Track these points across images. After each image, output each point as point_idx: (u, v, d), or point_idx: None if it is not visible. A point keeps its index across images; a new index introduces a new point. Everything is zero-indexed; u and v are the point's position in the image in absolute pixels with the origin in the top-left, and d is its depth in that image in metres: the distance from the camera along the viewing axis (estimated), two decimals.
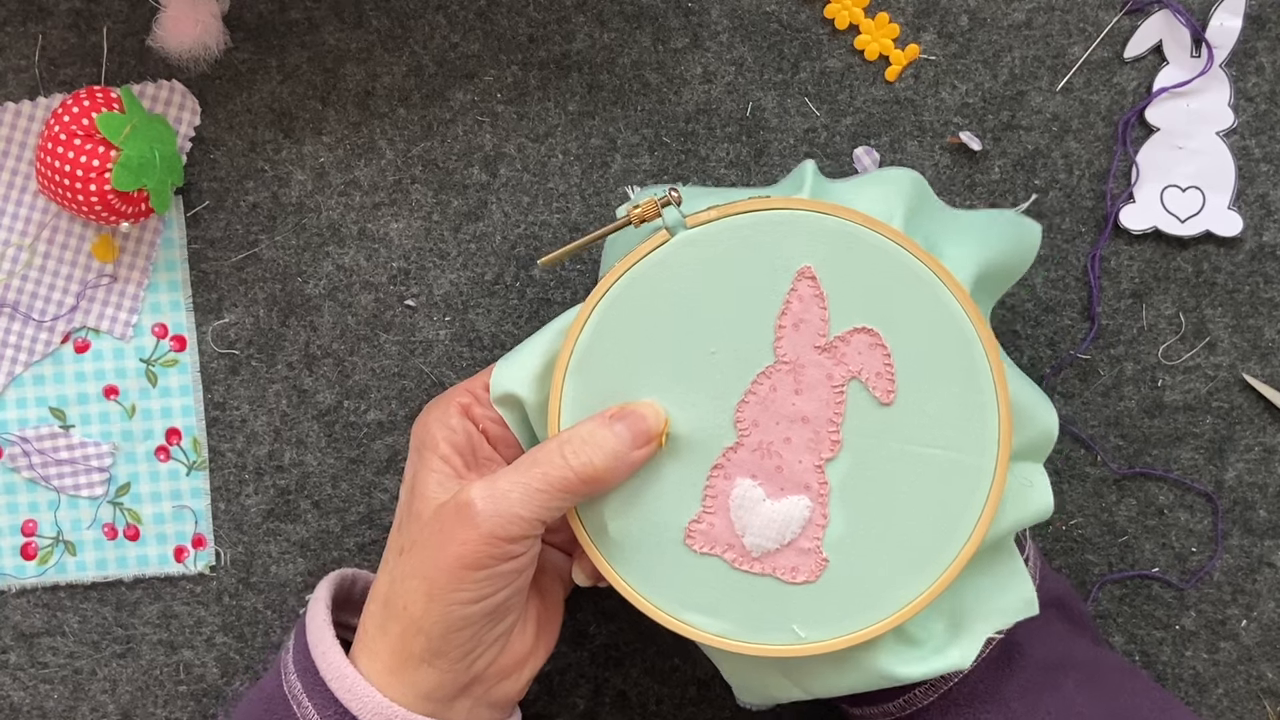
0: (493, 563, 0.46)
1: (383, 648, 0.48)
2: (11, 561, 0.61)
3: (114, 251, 0.60)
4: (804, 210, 0.47)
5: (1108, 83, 0.59)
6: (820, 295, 0.47)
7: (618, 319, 0.48)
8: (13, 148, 0.59)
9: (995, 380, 0.47)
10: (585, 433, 0.47)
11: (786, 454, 0.47)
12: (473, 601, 0.47)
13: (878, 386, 0.47)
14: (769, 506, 0.48)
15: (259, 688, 0.51)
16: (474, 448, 0.50)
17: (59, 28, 0.59)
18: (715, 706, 0.62)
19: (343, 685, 0.47)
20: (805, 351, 0.47)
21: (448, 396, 0.51)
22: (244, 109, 0.60)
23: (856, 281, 0.47)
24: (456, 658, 0.48)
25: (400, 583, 0.48)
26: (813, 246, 0.47)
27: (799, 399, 0.47)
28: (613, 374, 0.48)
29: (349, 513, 0.61)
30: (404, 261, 0.60)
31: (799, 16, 0.59)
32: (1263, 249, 0.60)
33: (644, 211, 0.47)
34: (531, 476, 0.46)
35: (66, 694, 0.62)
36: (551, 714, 0.62)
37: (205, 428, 0.61)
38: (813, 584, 0.48)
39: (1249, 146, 0.59)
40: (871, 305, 0.47)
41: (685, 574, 0.48)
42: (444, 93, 0.60)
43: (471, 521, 0.46)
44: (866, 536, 0.48)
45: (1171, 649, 0.61)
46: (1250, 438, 0.60)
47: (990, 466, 0.47)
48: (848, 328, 0.47)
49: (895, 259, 0.47)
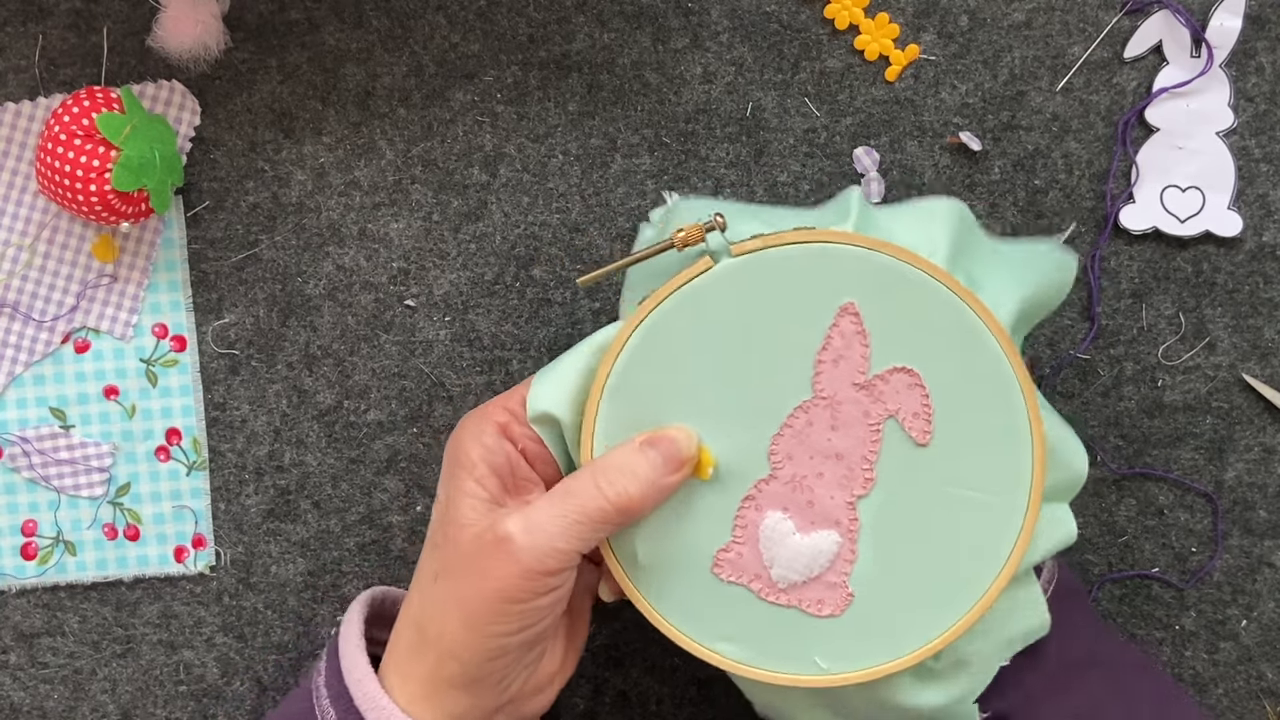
0: (532, 596, 0.46)
1: (416, 672, 0.48)
2: (11, 561, 0.61)
3: (114, 251, 0.60)
4: (850, 245, 0.46)
5: (1108, 83, 0.59)
6: (862, 332, 0.47)
7: (656, 344, 0.47)
8: (13, 148, 0.59)
9: (1031, 424, 0.47)
10: (619, 461, 0.47)
11: (819, 489, 0.47)
12: (512, 634, 0.46)
13: (914, 427, 0.47)
14: (798, 540, 0.48)
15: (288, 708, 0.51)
16: (513, 468, 0.49)
17: (59, 28, 0.59)
18: (715, 707, 0.62)
19: (379, 716, 0.47)
20: (844, 388, 0.47)
21: (484, 414, 0.50)
22: (244, 109, 0.60)
23: (899, 319, 0.46)
24: (491, 684, 0.48)
25: (435, 608, 0.47)
26: (857, 282, 0.46)
27: (835, 435, 0.47)
28: (649, 399, 0.48)
29: (349, 513, 0.61)
30: (404, 261, 0.60)
31: (799, 16, 0.59)
32: (1263, 249, 0.60)
33: (688, 236, 0.47)
34: (568, 509, 0.46)
35: (66, 694, 0.62)
36: (552, 714, 0.62)
37: (205, 428, 0.61)
38: (837, 618, 0.48)
39: (1249, 146, 0.59)
40: (912, 344, 0.47)
41: (711, 602, 0.48)
42: (444, 93, 0.60)
43: (511, 556, 0.45)
44: (894, 574, 0.48)
45: (1171, 649, 0.61)
46: (1250, 438, 0.60)
47: (1022, 509, 0.47)
48: (888, 366, 0.47)
49: (938, 297, 0.46)
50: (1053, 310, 0.52)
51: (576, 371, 0.49)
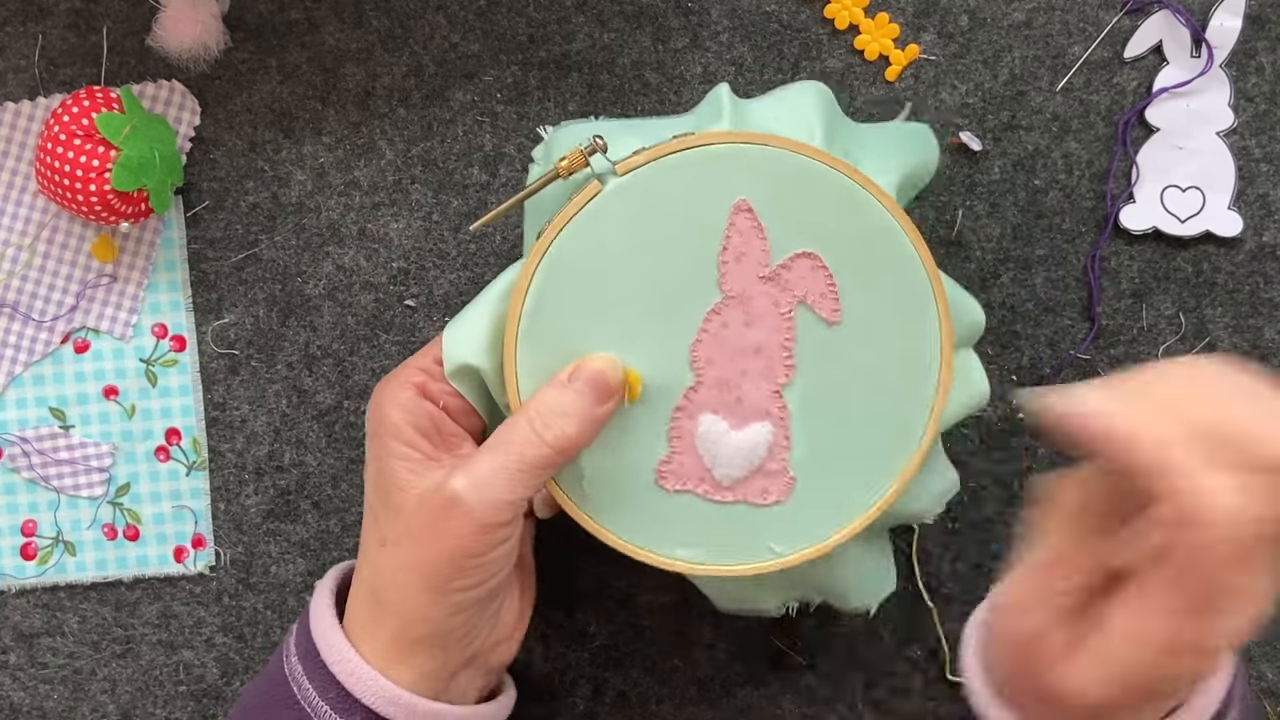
0: (487, 549, 0.47)
1: (380, 637, 0.48)
2: (11, 561, 0.61)
3: (114, 251, 0.60)
4: (731, 143, 0.47)
5: (1108, 83, 0.59)
6: (758, 226, 0.48)
7: (561, 276, 0.48)
8: (13, 148, 0.59)
9: (933, 285, 0.49)
10: (551, 402, 0.47)
11: (745, 385, 0.49)
12: (471, 588, 0.47)
13: (823, 307, 0.48)
14: (734, 437, 0.49)
15: (262, 674, 0.52)
16: (437, 426, 0.50)
17: (59, 28, 0.59)
18: (715, 707, 0.62)
19: (345, 669, 0.48)
20: (750, 283, 0.48)
21: (398, 377, 0.50)
22: (244, 109, 0.60)
23: (792, 207, 0.48)
24: (455, 640, 0.48)
25: (390, 574, 0.48)
26: (745, 178, 0.47)
27: (750, 330, 0.48)
28: (564, 333, 0.48)
29: (349, 513, 0.61)
30: (404, 261, 0.60)
31: (799, 16, 0.59)
32: (1263, 249, 0.60)
33: (571, 163, 0.48)
34: (510, 459, 0.46)
35: (66, 694, 0.62)
36: (551, 714, 0.62)
37: (205, 428, 0.61)
38: (783, 503, 0.50)
39: (1249, 146, 0.59)
40: (809, 229, 0.48)
41: (661, 513, 0.50)
42: (444, 93, 0.60)
43: (463, 515, 0.46)
44: (829, 451, 0.49)
45: None
46: None
47: (935, 368, 0.49)
48: (789, 254, 0.48)
49: (825, 179, 0.48)
50: (926, 186, 0.54)
51: (487, 317, 0.49)
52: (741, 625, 0.61)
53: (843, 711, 0.62)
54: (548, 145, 0.53)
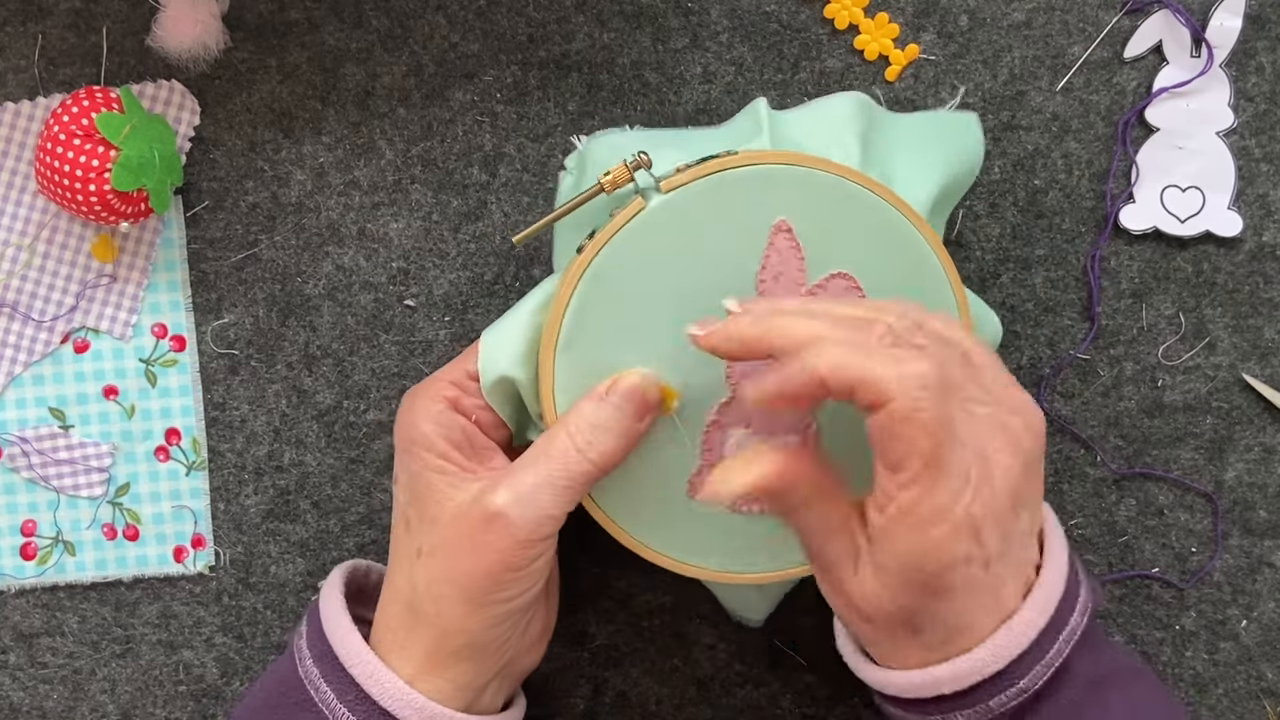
0: (529, 562, 0.47)
1: (416, 650, 0.48)
2: (11, 561, 0.61)
3: (114, 251, 0.60)
4: (773, 164, 0.48)
5: (1108, 83, 0.59)
6: (796, 246, 0.48)
7: (602, 290, 0.48)
8: (12, 148, 0.59)
9: (959, 305, 0.50)
10: (590, 417, 0.47)
11: None
12: (512, 599, 0.48)
13: None
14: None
15: (270, 674, 0.51)
16: (469, 439, 0.50)
17: (59, 28, 0.59)
18: (715, 707, 0.62)
19: (365, 671, 0.48)
20: None
21: (429, 391, 0.50)
22: (244, 109, 0.60)
23: (828, 227, 0.48)
24: (493, 650, 0.49)
25: (426, 587, 0.48)
26: (785, 198, 0.48)
27: None
28: (602, 347, 0.49)
29: (349, 513, 0.61)
30: (404, 261, 0.60)
31: (799, 16, 0.59)
32: (1263, 249, 0.60)
33: (616, 178, 0.48)
34: (554, 474, 0.47)
35: (66, 694, 0.62)
36: (551, 714, 0.62)
37: (205, 428, 0.61)
38: None
39: (1249, 146, 0.59)
40: (844, 249, 0.49)
41: (690, 523, 0.51)
42: (444, 93, 0.60)
43: (506, 530, 0.46)
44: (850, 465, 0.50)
45: (1171, 649, 0.61)
46: (1250, 438, 0.60)
47: None
48: (824, 274, 0.49)
49: (860, 200, 0.48)
50: (975, 176, 0.54)
51: (524, 329, 0.50)
52: (742, 625, 0.61)
53: (843, 711, 0.62)
54: (581, 155, 0.53)
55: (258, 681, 0.52)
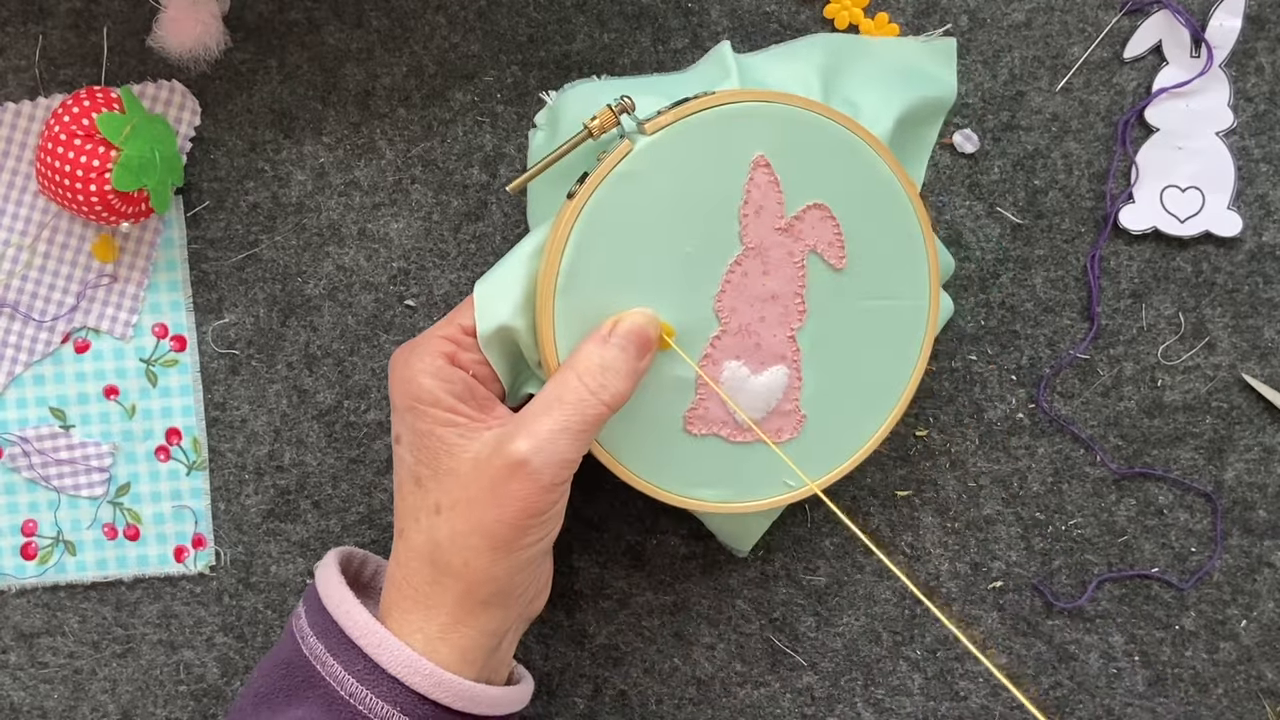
0: (549, 507, 0.48)
1: (444, 602, 0.49)
2: (11, 561, 0.61)
3: (114, 251, 0.60)
4: (747, 102, 0.49)
5: (1107, 83, 0.59)
6: (774, 180, 0.50)
7: (595, 234, 0.49)
8: (13, 148, 0.59)
9: (924, 232, 0.53)
10: (598, 359, 0.48)
11: (763, 331, 0.52)
12: (535, 543, 0.49)
13: (831, 255, 0.52)
14: (754, 381, 0.52)
15: (269, 659, 0.51)
16: (472, 392, 0.50)
17: (59, 28, 0.59)
18: (715, 707, 0.62)
19: (373, 641, 0.48)
20: (768, 235, 0.51)
21: (424, 346, 0.50)
22: (244, 109, 0.60)
23: (802, 160, 0.50)
24: (517, 595, 0.50)
25: (452, 540, 0.48)
26: (761, 134, 0.50)
27: (767, 279, 0.51)
28: (599, 289, 0.50)
29: (349, 513, 0.61)
30: (404, 261, 0.60)
31: (799, 16, 0.59)
32: (1262, 249, 0.60)
33: (602, 122, 0.49)
34: (569, 419, 0.48)
35: (66, 694, 0.62)
36: (551, 714, 0.62)
37: (205, 428, 0.61)
38: (796, 439, 0.54)
39: (1249, 146, 0.59)
40: (818, 181, 0.51)
41: (687, 456, 0.53)
42: (444, 93, 0.60)
43: (529, 477, 0.47)
44: (834, 388, 0.53)
45: (1171, 649, 0.61)
46: (1250, 438, 0.60)
47: (925, 306, 0.54)
48: (801, 206, 0.51)
49: (827, 131, 0.50)
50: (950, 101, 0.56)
51: (520, 277, 0.51)
52: (742, 625, 0.61)
53: (843, 711, 0.62)
54: (553, 109, 0.55)
55: (255, 670, 0.52)
